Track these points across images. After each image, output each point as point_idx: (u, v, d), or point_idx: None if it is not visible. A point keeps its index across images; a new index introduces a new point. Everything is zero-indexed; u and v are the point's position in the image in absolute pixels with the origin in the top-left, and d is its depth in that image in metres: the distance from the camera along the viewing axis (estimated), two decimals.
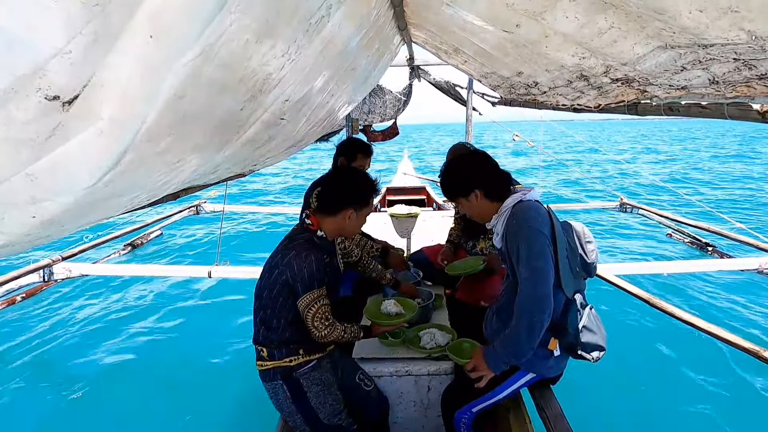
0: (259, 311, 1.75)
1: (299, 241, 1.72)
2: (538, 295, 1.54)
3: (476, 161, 1.76)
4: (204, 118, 0.81)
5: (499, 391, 1.78)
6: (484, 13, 1.40)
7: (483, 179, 1.71)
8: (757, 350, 2.39)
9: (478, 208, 1.74)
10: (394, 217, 3.04)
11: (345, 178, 1.83)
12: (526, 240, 1.56)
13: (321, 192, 1.81)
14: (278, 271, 1.67)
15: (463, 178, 1.74)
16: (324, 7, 0.99)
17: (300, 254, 1.65)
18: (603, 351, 1.73)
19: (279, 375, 1.73)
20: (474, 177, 1.72)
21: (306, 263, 1.64)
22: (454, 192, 1.77)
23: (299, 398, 1.74)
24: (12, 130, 0.48)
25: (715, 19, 0.74)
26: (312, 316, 1.66)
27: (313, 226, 1.78)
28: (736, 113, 1.18)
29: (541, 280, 1.54)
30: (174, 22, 0.55)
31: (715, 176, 17.86)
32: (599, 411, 3.52)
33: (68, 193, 0.63)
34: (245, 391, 3.57)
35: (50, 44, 0.44)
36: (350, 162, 2.66)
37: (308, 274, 1.63)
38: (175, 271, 4.69)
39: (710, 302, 5.50)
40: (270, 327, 1.73)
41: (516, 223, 1.61)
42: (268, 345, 1.74)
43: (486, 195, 1.71)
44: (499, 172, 1.74)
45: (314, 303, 1.65)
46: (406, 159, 10.48)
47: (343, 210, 1.75)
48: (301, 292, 1.64)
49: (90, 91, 0.52)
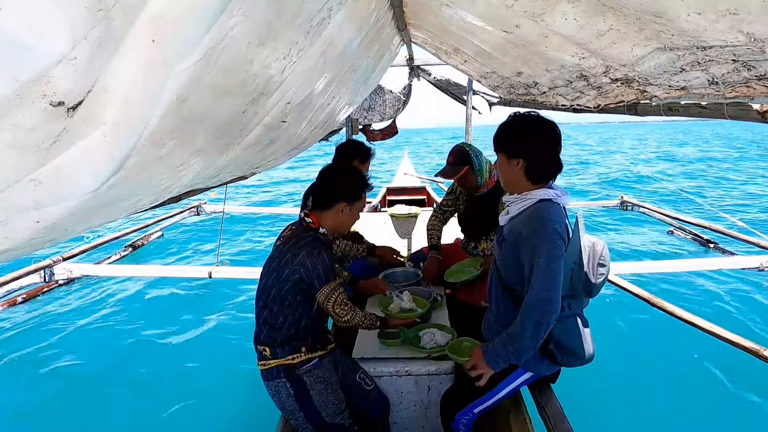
0: (263, 311, 1.78)
1: (307, 240, 1.78)
2: (550, 297, 1.51)
3: (539, 131, 1.61)
4: (206, 121, 0.81)
5: (498, 390, 1.78)
6: (484, 13, 1.40)
7: (535, 153, 1.59)
8: (757, 349, 2.39)
9: (513, 176, 1.64)
10: (394, 217, 3.04)
11: (336, 173, 1.92)
12: (549, 241, 1.51)
13: (315, 188, 1.90)
14: (290, 270, 1.72)
15: (519, 140, 1.62)
16: (325, 9, 0.99)
17: (312, 252, 1.73)
18: (580, 363, 1.74)
19: (282, 373, 1.75)
20: (529, 144, 1.60)
21: (319, 260, 1.72)
22: (503, 145, 1.66)
23: (302, 396, 1.75)
24: (17, 136, 0.49)
25: (713, 21, 0.74)
26: (333, 304, 1.77)
27: (315, 224, 1.84)
28: (735, 113, 1.18)
29: (554, 284, 1.51)
30: (176, 26, 0.55)
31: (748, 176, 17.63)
32: (599, 411, 3.53)
33: (72, 198, 0.63)
34: (245, 391, 3.57)
35: (55, 50, 0.45)
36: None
37: (323, 269, 1.73)
38: (175, 271, 4.70)
39: (710, 301, 5.50)
40: (274, 326, 1.76)
41: (541, 221, 1.55)
42: (271, 344, 1.76)
43: (527, 170, 1.60)
44: (554, 158, 1.61)
45: (333, 293, 1.76)
46: (406, 159, 10.48)
47: (336, 203, 1.82)
48: (319, 286, 1.73)
49: (94, 97, 0.52)
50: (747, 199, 12.70)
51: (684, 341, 4.31)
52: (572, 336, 1.69)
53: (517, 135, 1.63)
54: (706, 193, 13.74)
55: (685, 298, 5.51)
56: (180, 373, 4.14)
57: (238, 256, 7.40)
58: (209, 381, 3.97)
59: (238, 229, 9.57)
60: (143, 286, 6.16)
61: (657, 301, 3.02)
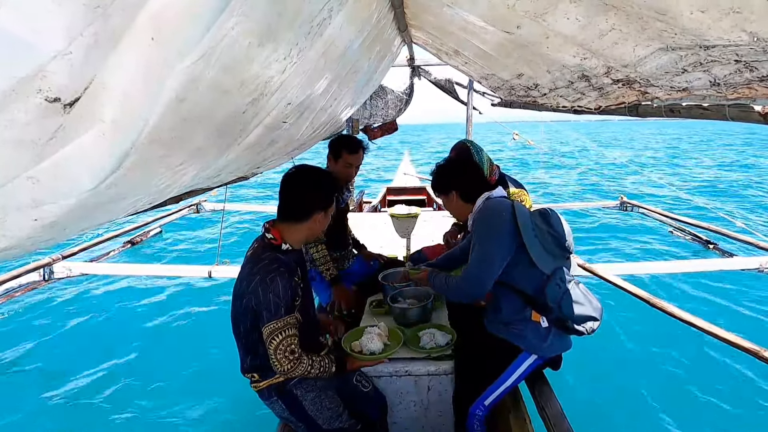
0: (241, 339, 1.70)
1: (264, 263, 1.59)
2: (479, 276, 1.78)
3: (458, 167, 2.03)
4: (206, 121, 0.81)
5: (505, 377, 1.86)
6: (485, 14, 1.40)
7: (460, 183, 1.97)
8: (757, 350, 2.39)
9: (455, 207, 2.02)
10: (394, 217, 3.04)
11: (307, 180, 1.70)
12: (484, 227, 1.81)
13: (285, 199, 1.69)
14: (246, 299, 1.58)
15: (444, 180, 2.00)
16: (326, 10, 0.98)
17: (264, 279, 1.54)
18: (596, 322, 1.82)
19: (274, 392, 1.73)
20: (453, 180, 1.98)
21: (271, 288, 1.53)
22: (436, 189, 2.06)
23: (297, 409, 1.74)
24: (13, 131, 0.48)
25: (716, 20, 0.74)
26: (275, 348, 1.54)
27: (276, 241, 1.66)
28: (737, 115, 1.17)
29: (486, 266, 1.77)
30: (176, 25, 0.55)
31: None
32: (600, 411, 3.53)
33: (70, 196, 0.62)
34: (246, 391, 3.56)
35: (51, 46, 0.44)
36: (336, 160, 2.57)
37: (273, 300, 1.53)
38: (175, 270, 4.69)
39: (710, 301, 5.50)
40: (257, 353, 1.67)
41: (479, 215, 1.87)
42: (258, 370, 1.71)
43: (461, 196, 1.97)
44: (478, 178, 2.00)
45: (278, 333, 1.54)
46: (406, 159, 10.48)
47: (313, 215, 1.67)
48: (266, 319, 1.54)
49: (91, 93, 0.52)
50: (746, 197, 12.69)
51: (684, 342, 4.31)
52: (580, 305, 1.78)
53: (443, 177, 2.01)
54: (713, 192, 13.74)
55: (685, 298, 5.51)
56: (180, 373, 4.13)
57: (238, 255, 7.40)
58: (209, 381, 3.97)
59: (238, 227, 9.57)
60: (143, 284, 6.15)
61: (657, 302, 3.01)
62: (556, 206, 7.74)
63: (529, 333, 1.81)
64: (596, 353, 4.22)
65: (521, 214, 1.78)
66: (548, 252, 1.78)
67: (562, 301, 1.74)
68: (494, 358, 1.89)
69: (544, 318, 1.79)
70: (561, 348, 1.89)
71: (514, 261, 1.77)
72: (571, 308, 1.74)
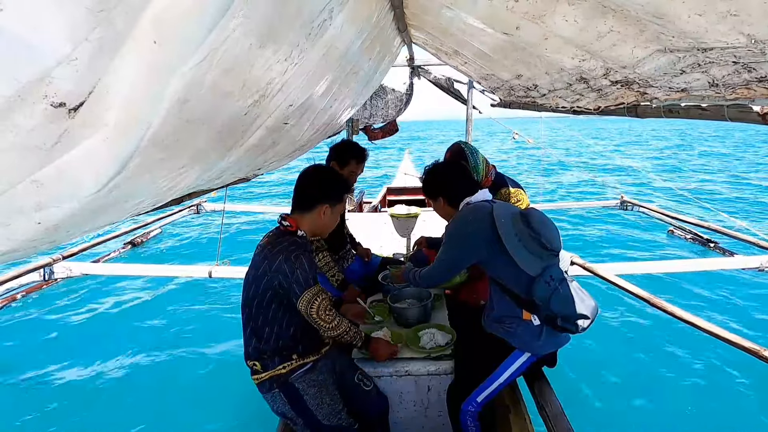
0: (249, 323, 1.75)
1: (283, 245, 1.70)
2: (432, 276, 1.96)
3: (445, 172, 2.08)
4: (208, 123, 0.81)
5: (498, 375, 1.86)
6: (484, 15, 1.40)
7: (446, 188, 2.02)
8: (757, 350, 2.39)
9: (443, 211, 2.06)
10: (394, 217, 3.04)
11: (317, 175, 1.87)
12: (453, 232, 1.88)
13: (296, 190, 1.84)
14: (268, 278, 1.66)
15: (432, 185, 2.06)
16: (326, 11, 0.99)
17: (289, 257, 1.65)
18: (587, 320, 1.80)
19: (275, 384, 1.74)
20: (440, 185, 2.03)
21: (297, 264, 1.64)
22: (426, 194, 2.11)
23: (297, 403, 1.75)
24: (18, 137, 0.49)
25: (714, 23, 0.74)
26: (316, 311, 1.68)
27: (293, 227, 1.77)
28: (736, 115, 1.18)
29: (444, 269, 1.92)
30: (178, 28, 0.55)
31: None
32: (599, 410, 3.53)
33: (74, 200, 0.63)
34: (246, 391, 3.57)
35: (56, 51, 0.45)
36: (343, 167, 2.59)
37: (302, 273, 1.65)
38: (175, 270, 4.69)
39: (711, 301, 5.50)
40: (261, 338, 1.72)
41: (452, 220, 1.93)
42: (261, 358, 1.73)
43: (449, 202, 2.01)
44: (464, 183, 2.02)
45: (315, 298, 1.67)
46: (407, 159, 10.47)
47: (318, 205, 1.78)
48: (299, 291, 1.65)
49: (95, 98, 0.52)
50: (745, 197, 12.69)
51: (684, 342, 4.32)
52: (570, 303, 1.76)
53: (431, 183, 2.07)
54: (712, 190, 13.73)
55: (685, 298, 5.51)
56: (180, 373, 4.14)
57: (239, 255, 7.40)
58: (209, 381, 3.97)
59: (238, 227, 9.57)
60: (143, 284, 6.16)
61: (657, 302, 3.01)
62: (556, 206, 7.75)
63: (522, 331, 1.82)
64: (596, 353, 4.23)
65: (501, 220, 1.77)
66: (533, 254, 1.77)
67: (551, 299, 1.73)
68: (488, 355, 1.90)
69: (535, 316, 1.79)
70: (555, 345, 1.88)
71: (502, 262, 1.76)
72: (560, 306, 1.73)
